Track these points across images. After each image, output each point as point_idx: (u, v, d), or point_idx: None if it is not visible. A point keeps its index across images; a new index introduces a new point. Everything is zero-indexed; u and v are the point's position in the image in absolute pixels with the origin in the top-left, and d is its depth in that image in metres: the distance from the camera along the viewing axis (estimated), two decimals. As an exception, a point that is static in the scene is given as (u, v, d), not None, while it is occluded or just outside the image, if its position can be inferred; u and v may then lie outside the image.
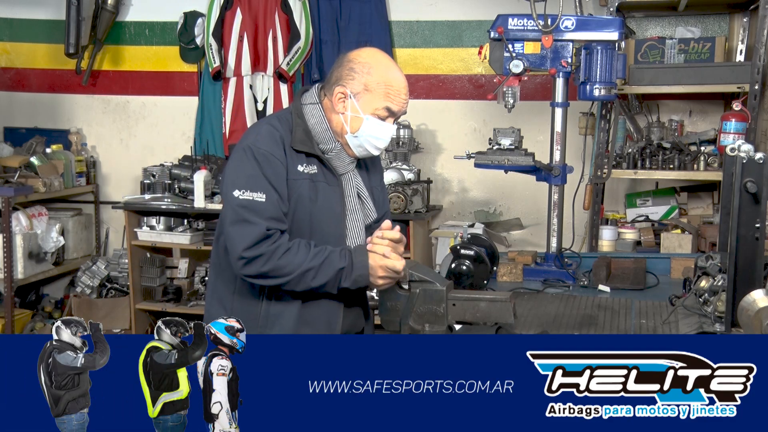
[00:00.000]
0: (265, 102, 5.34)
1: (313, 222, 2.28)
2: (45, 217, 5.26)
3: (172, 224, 5.06)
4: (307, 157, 2.29)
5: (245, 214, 2.18)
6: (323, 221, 2.29)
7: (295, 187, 2.25)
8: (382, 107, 2.26)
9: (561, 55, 3.27)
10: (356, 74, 2.26)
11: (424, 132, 5.29)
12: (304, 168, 2.27)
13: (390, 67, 2.29)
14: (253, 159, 2.21)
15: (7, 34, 5.84)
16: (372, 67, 2.26)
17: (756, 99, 4.09)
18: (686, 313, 2.47)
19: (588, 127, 4.37)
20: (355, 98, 2.26)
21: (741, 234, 2.10)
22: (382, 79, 2.25)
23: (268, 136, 2.25)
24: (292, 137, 2.27)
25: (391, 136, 2.34)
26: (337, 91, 2.27)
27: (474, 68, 5.24)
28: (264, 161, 2.21)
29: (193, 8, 5.47)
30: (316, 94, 2.34)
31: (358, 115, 2.26)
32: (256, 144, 2.23)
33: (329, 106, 2.30)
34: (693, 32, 4.64)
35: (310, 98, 2.34)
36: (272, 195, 2.21)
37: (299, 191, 2.26)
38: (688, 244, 3.96)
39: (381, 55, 2.32)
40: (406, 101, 2.30)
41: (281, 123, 2.31)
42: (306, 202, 2.26)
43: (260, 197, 2.19)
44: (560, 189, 3.33)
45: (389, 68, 2.28)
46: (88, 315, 5.22)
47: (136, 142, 5.75)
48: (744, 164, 2.07)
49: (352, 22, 5.24)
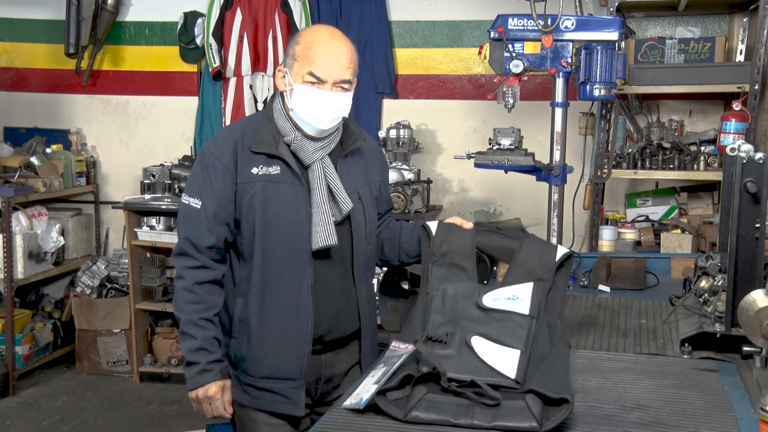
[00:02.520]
0: (265, 102, 5.34)
1: (267, 224, 2.24)
2: (45, 217, 5.26)
3: (172, 224, 5.05)
4: (268, 158, 2.25)
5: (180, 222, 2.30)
6: (282, 223, 2.24)
7: (246, 189, 2.23)
8: (306, 72, 2.20)
9: (561, 55, 3.27)
10: (290, 48, 2.26)
11: (424, 132, 5.29)
12: (259, 170, 2.24)
13: (319, 33, 2.24)
14: (202, 163, 2.27)
15: (7, 34, 5.84)
16: (301, 36, 2.25)
17: (756, 99, 4.08)
18: (686, 313, 2.47)
19: (588, 127, 4.37)
20: (289, 73, 2.24)
21: (741, 234, 2.10)
22: (306, 45, 2.21)
23: (220, 140, 2.29)
24: (255, 138, 2.25)
25: (332, 106, 2.20)
26: (277, 71, 2.29)
27: (474, 68, 5.24)
28: (210, 166, 2.25)
29: (193, 8, 5.47)
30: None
31: (291, 87, 2.23)
32: (208, 147, 2.29)
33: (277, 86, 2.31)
34: (693, 32, 4.64)
35: (276, 92, 2.34)
36: (209, 202, 2.23)
37: (251, 193, 2.23)
38: (688, 244, 3.96)
39: (319, 26, 2.31)
40: (334, 64, 2.19)
41: (247, 124, 2.33)
42: (258, 204, 2.23)
43: (196, 203, 2.24)
44: (560, 189, 3.33)
45: (317, 34, 2.23)
46: (88, 315, 5.23)
47: (136, 142, 5.75)
48: (744, 164, 2.06)
49: (352, 22, 5.24)
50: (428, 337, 1.94)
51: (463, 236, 2.26)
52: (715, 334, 2.20)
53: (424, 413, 1.75)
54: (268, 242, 2.24)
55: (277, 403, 2.31)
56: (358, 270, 2.35)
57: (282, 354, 2.29)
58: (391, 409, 1.77)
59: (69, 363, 5.46)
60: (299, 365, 2.29)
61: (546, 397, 1.75)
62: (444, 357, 1.88)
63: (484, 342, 1.93)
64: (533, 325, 1.99)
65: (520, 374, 1.83)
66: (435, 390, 1.81)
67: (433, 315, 2.02)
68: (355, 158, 2.39)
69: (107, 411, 4.74)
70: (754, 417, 1.75)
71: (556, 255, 2.19)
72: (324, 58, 2.19)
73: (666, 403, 1.87)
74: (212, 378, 2.23)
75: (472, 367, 1.86)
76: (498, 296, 2.07)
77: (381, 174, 2.50)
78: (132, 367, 5.22)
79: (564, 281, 2.19)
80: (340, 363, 2.39)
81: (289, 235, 2.24)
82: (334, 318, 2.33)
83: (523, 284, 2.11)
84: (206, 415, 2.30)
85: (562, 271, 2.18)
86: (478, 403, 1.76)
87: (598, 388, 1.96)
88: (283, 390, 2.29)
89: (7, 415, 4.69)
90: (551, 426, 1.71)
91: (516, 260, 2.19)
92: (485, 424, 1.73)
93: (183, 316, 2.25)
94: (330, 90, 2.20)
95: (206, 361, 2.23)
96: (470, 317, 2.02)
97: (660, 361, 2.18)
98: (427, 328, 1.98)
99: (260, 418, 2.35)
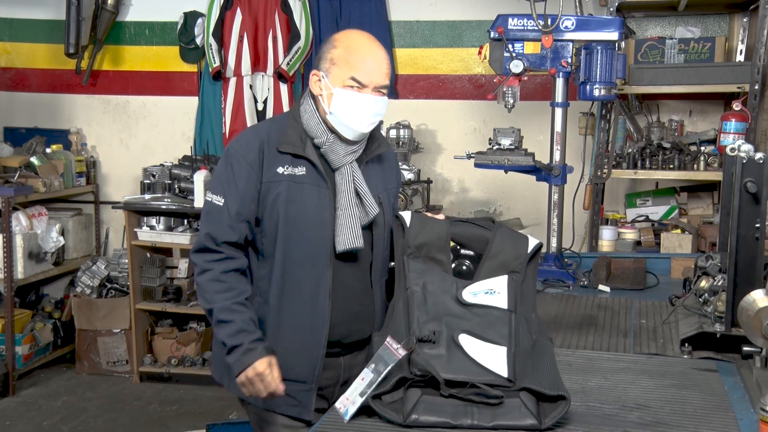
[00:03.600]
0: (265, 102, 5.34)
1: (289, 224, 2.24)
2: (45, 217, 5.26)
3: (172, 224, 5.06)
4: (294, 158, 2.25)
5: (202, 218, 2.27)
6: (303, 224, 2.24)
7: (271, 188, 2.23)
8: (348, 77, 2.21)
9: (561, 55, 3.27)
10: (324, 53, 2.25)
11: (424, 132, 5.29)
12: (285, 169, 2.24)
13: (357, 38, 2.26)
14: (226, 161, 2.27)
15: (7, 34, 5.84)
16: (338, 41, 2.24)
17: (756, 99, 4.09)
18: (686, 313, 2.47)
19: (588, 127, 4.37)
20: (326, 76, 2.24)
21: (741, 234, 2.10)
22: (346, 50, 2.22)
23: (246, 139, 2.28)
24: (282, 139, 2.26)
25: (373, 110, 2.23)
26: (312, 75, 2.28)
27: (474, 68, 5.24)
28: (235, 164, 2.24)
29: (193, 8, 5.48)
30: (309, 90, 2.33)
31: (330, 91, 2.23)
32: (233, 145, 2.29)
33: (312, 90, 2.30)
34: (693, 32, 4.64)
35: (305, 95, 2.33)
36: (232, 199, 2.22)
37: (275, 192, 2.23)
38: (688, 244, 3.96)
39: (352, 31, 2.29)
40: (376, 69, 2.22)
41: (273, 125, 2.32)
42: (282, 203, 2.23)
43: (219, 201, 2.24)
44: (560, 189, 3.33)
45: (356, 39, 2.25)
46: (88, 315, 5.23)
47: (136, 142, 5.75)
48: (744, 164, 2.07)
49: (352, 22, 5.24)
50: (418, 338, 1.93)
51: (437, 227, 2.26)
52: (715, 334, 2.20)
53: (423, 416, 1.75)
54: (290, 242, 2.24)
55: (287, 406, 2.28)
56: (375, 274, 2.35)
57: (296, 355, 2.27)
58: (389, 413, 1.77)
59: (69, 363, 5.46)
60: (312, 368, 2.28)
61: (539, 393, 1.76)
62: (435, 357, 1.87)
63: (471, 340, 1.93)
64: (512, 320, 1.99)
65: (511, 372, 1.83)
66: (430, 392, 1.81)
67: (417, 312, 2.02)
68: (376, 164, 2.40)
69: (107, 411, 4.74)
70: (754, 417, 1.75)
71: (528, 247, 2.21)
72: (366, 63, 2.21)
73: (666, 403, 1.87)
74: (258, 355, 2.16)
75: (464, 367, 1.86)
76: (476, 290, 2.08)
77: (397, 182, 2.52)
78: (132, 367, 5.22)
79: (534, 273, 2.22)
80: (358, 365, 2.36)
81: (311, 236, 2.25)
82: (353, 321, 2.32)
83: (499, 277, 2.12)
84: (259, 395, 2.19)
85: (532, 263, 2.21)
86: (477, 403, 1.77)
87: (598, 388, 1.96)
88: (294, 392, 2.26)
89: (7, 415, 4.69)
90: (550, 423, 1.72)
91: (489, 252, 2.20)
92: (485, 424, 1.73)
93: (215, 305, 2.20)
94: (371, 94, 2.23)
95: (248, 341, 2.17)
96: (453, 313, 2.01)
97: (660, 361, 2.18)
98: (413, 326, 1.98)
99: (279, 420, 2.33)
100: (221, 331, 2.19)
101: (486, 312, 2.01)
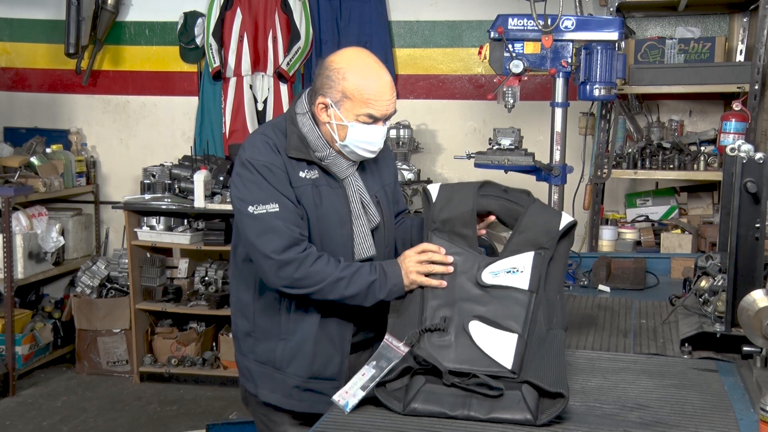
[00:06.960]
0: (265, 102, 5.34)
1: (320, 227, 2.26)
2: (45, 217, 5.26)
3: (172, 224, 5.06)
4: (306, 163, 2.27)
5: (267, 225, 2.17)
6: (330, 225, 2.27)
7: (299, 194, 2.24)
8: (363, 113, 2.20)
9: (561, 55, 3.27)
10: (333, 82, 2.20)
11: (424, 132, 5.29)
12: (305, 174, 2.25)
13: (367, 69, 2.20)
14: (256, 172, 2.21)
15: (7, 34, 5.84)
16: (347, 72, 2.19)
17: (756, 99, 4.09)
18: (686, 313, 2.47)
19: (588, 127, 4.37)
20: (336, 107, 2.21)
21: (741, 234, 2.10)
22: (359, 85, 2.18)
23: (263, 146, 2.24)
24: (287, 144, 2.25)
25: (383, 137, 2.26)
26: (318, 102, 2.24)
27: (474, 68, 5.24)
28: (267, 172, 2.20)
29: (193, 8, 5.48)
30: (306, 102, 2.30)
31: (342, 123, 2.22)
32: (255, 156, 2.22)
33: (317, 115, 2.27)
34: (693, 32, 4.64)
35: (300, 107, 2.31)
36: (285, 203, 2.20)
37: (303, 197, 2.24)
38: (688, 244, 3.96)
39: (358, 57, 2.23)
40: (389, 103, 2.22)
41: (275, 131, 2.30)
42: (311, 207, 2.25)
43: (274, 208, 2.18)
44: (560, 189, 3.33)
45: (366, 71, 2.20)
46: (88, 315, 5.23)
47: (136, 142, 5.75)
48: (744, 164, 2.07)
49: (352, 22, 5.24)
50: (425, 329, 1.93)
51: (465, 200, 2.20)
52: (715, 334, 2.20)
53: (421, 405, 1.77)
54: (322, 242, 2.26)
55: (320, 404, 2.27)
56: None
57: (329, 353, 2.32)
58: (391, 402, 1.80)
59: (69, 363, 5.46)
60: (341, 365, 2.33)
61: (541, 388, 1.76)
62: (441, 347, 1.88)
63: (481, 327, 1.92)
64: (532, 302, 1.96)
65: (517, 363, 1.83)
66: (433, 380, 1.83)
67: (431, 299, 2.03)
68: (369, 162, 2.40)
69: (107, 411, 4.74)
70: (754, 417, 1.76)
71: (560, 223, 2.11)
72: (381, 99, 2.20)
73: (666, 403, 1.87)
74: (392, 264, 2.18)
75: (469, 356, 1.86)
76: (497, 270, 2.03)
77: (392, 174, 2.53)
78: (132, 367, 5.22)
79: (566, 252, 2.12)
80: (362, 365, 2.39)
81: (335, 235, 2.28)
82: (360, 320, 2.36)
83: (524, 254, 2.05)
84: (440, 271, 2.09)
85: (564, 241, 2.11)
86: (477, 394, 1.78)
87: (598, 388, 1.96)
88: (327, 390, 2.26)
89: (7, 415, 4.69)
90: (546, 419, 1.72)
91: (519, 227, 2.12)
92: (481, 416, 1.74)
93: (333, 276, 2.16)
94: (382, 124, 2.24)
95: (380, 264, 2.20)
96: (469, 297, 2.00)
97: (660, 361, 2.18)
98: (426, 313, 1.98)
99: (287, 420, 2.37)
100: (353, 285, 2.16)
101: (504, 294, 1.98)
